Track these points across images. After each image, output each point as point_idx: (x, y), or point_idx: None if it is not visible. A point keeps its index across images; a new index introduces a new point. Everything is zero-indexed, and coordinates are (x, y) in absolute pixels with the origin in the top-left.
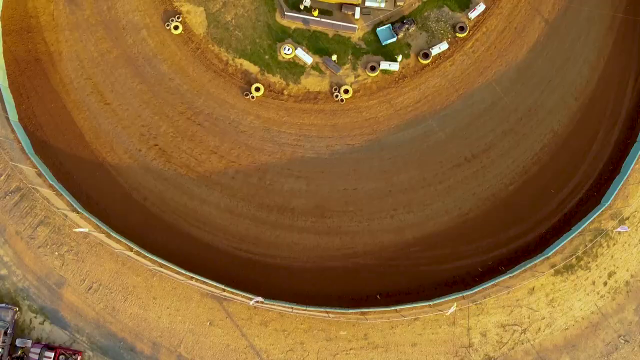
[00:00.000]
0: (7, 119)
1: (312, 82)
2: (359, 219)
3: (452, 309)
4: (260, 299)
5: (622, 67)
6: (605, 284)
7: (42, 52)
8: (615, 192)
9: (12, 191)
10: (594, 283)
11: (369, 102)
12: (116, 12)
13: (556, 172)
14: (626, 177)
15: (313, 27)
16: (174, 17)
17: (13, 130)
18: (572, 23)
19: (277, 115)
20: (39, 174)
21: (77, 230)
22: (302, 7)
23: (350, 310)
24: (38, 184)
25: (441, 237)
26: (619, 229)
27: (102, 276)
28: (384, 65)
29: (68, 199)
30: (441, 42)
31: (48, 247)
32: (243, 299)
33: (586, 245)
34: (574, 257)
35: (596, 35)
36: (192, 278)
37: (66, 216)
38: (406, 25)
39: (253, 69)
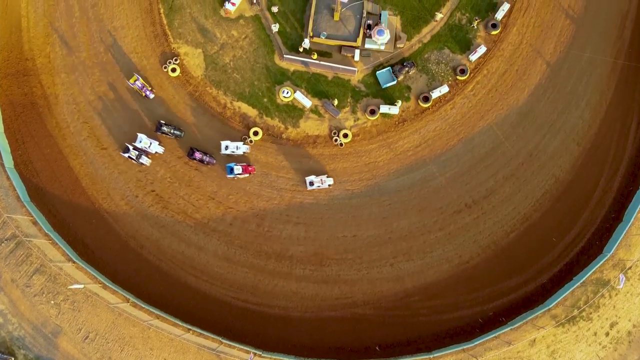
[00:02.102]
0: (2, 165)
1: (311, 126)
2: (358, 267)
3: None
4: (254, 354)
5: (624, 111)
6: (607, 334)
7: (38, 95)
8: (618, 241)
9: (7, 238)
10: (595, 334)
11: (369, 146)
12: (113, 55)
13: (557, 219)
14: (629, 226)
15: (312, 69)
16: (172, 59)
17: (8, 178)
18: (574, 65)
19: (275, 160)
20: (34, 223)
21: (73, 287)
22: (301, 49)
23: None
24: (33, 233)
25: (441, 286)
26: (621, 284)
27: (99, 326)
28: (384, 108)
29: (64, 248)
30: (442, 85)
31: (44, 295)
32: (240, 352)
33: (588, 297)
34: (575, 308)
35: (598, 78)
36: (189, 330)
37: (61, 268)
38: (406, 68)
39: (251, 112)
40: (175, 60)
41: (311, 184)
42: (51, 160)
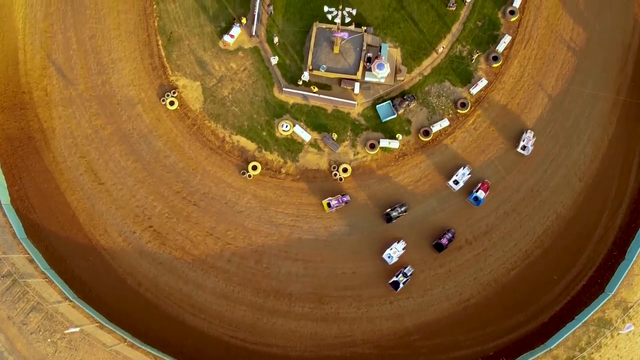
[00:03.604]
0: None
1: (310, 160)
2: (357, 305)
3: None
4: None
5: (627, 146)
6: None
7: (35, 129)
8: (620, 280)
9: (3, 275)
10: None
11: (369, 181)
12: (111, 87)
13: (559, 256)
14: (631, 264)
15: (312, 102)
16: (170, 92)
17: (4, 214)
18: (576, 99)
19: (274, 195)
20: (31, 261)
21: (68, 331)
22: (300, 82)
23: None
24: (29, 272)
25: (441, 324)
26: (624, 330)
27: None
28: (384, 143)
29: (60, 287)
30: (442, 118)
31: (40, 333)
32: None
33: (590, 337)
34: (577, 349)
35: (600, 112)
36: None
37: (57, 310)
38: (407, 102)
39: (250, 146)
40: (174, 93)
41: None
42: (48, 195)
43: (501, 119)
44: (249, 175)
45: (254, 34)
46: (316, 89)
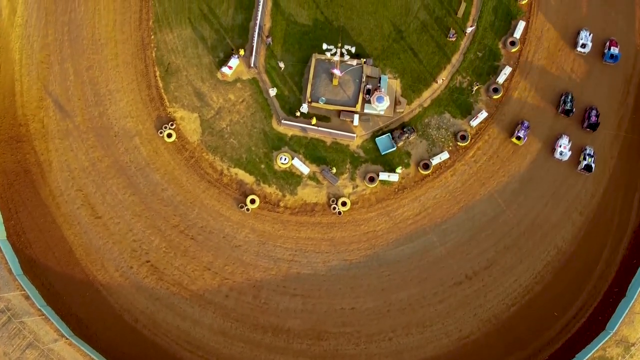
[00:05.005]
0: None
1: (308, 193)
2: (356, 341)
3: None
4: None
5: (627, 180)
6: None
7: (31, 162)
8: (622, 318)
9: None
10: None
11: (368, 215)
12: (108, 119)
13: (559, 292)
14: (632, 302)
15: (310, 134)
16: (167, 124)
17: (1, 250)
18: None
19: (272, 229)
20: (27, 297)
21: None
22: (298, 113)
23: None
24: (25, 308)
25: None
26: None
27: None
28: (383, 176)
29: (57, 324)
30: (442, 151)
31: None
32: None
33: None
34: None
35: (601, 144)
36: None
37: (52, 349)
38: (406, 134)
39: (248, 179)
40: (171, 125)
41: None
42: (44, 230)
43: (502, 151)
44: (247, 209)
45: (252, 65)
46: (315, 121)
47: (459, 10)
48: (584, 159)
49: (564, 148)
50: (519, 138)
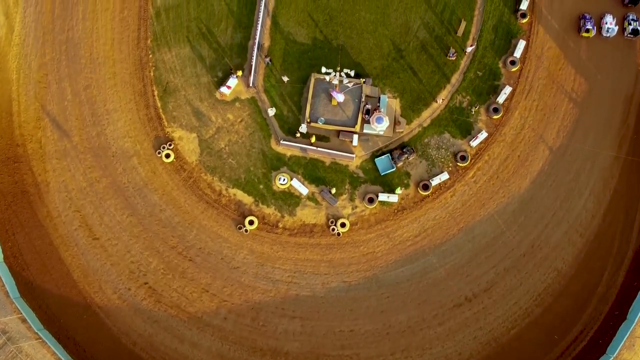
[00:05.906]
0: None
1: (307, 214)
2: None
3: None
4: None
5: (629, 201)
6: None
7: (29, 183)
8: (622, 342)
9: None
10: None
11: (367, 236)
12: (106, 139)
13: (559, 315)
14: (634, 325)
15: (310, 154)
16: (166, 144)
17: None
18: (577, 151)
19: (271, 250)
20: (24, 320)
21: None
22: (298, 134)
23: None
24: (22, 332)
25: None
26: None
27: None
28: (383, 197)
29: (54, 348)
30: (442, 171)
31: None
32: None
33: None
34: None
35: (602, 165)
36: None
37: None
38: (406, 155)
39: (247, 199)
40: (170, 145)
41: None
42: (42, 252)
43: (502, 172)
44: (246, 230)
45: (251, 84)
46: (314, 139)
47: (459, 29)
48: (629, 24)
49: (610, 24)
50: (587, 30)
